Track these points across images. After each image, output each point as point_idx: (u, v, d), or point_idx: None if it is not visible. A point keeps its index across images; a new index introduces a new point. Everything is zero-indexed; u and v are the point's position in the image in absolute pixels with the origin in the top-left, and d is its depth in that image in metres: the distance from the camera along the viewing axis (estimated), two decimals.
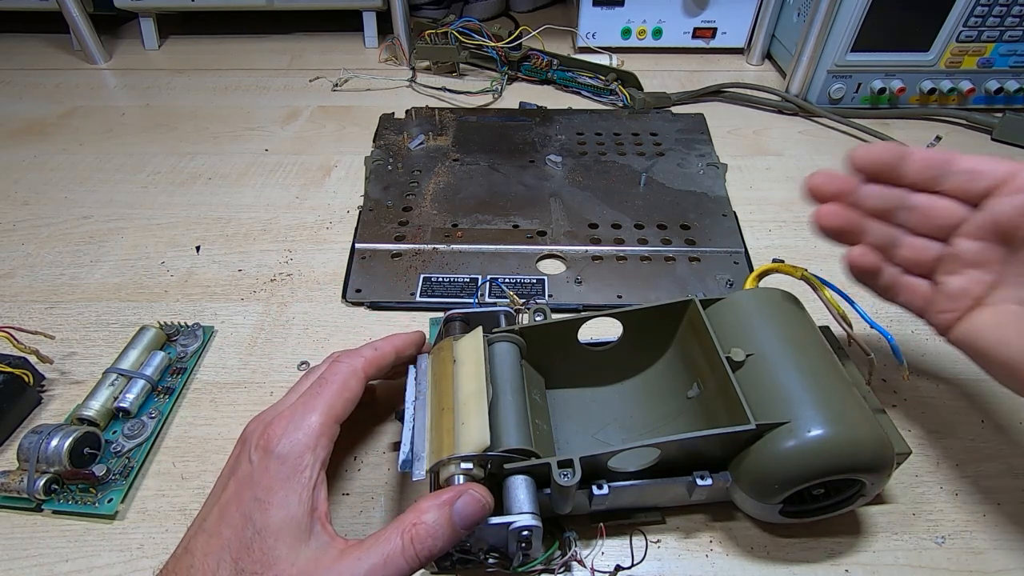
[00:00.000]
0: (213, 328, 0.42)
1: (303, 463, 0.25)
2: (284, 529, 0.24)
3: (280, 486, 0.25)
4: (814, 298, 0.32)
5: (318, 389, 0.28)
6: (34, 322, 0.42)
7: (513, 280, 0.45)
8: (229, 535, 0.24)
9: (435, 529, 0.24)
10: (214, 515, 0.25)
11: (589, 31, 0.74)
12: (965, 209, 0.28)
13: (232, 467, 0.27)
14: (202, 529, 0.25)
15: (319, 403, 0.27)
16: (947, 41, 0.60)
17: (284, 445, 0.26)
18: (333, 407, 0.28)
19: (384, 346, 0.31)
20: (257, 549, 0.24)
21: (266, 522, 0.24)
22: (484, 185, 0.54)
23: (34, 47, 0.78)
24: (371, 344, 0.31)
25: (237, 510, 0.25)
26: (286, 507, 0.24)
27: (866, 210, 0.30)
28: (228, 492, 0.25)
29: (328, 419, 0.27)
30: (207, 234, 0.50)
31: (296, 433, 0.26)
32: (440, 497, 0.25)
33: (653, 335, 0.35)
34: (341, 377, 0.29)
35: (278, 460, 0.25)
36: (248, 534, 0.24)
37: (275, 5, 0.74)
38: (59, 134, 0.62)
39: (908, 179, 0.29)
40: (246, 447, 0.27)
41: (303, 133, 0.63)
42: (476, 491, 0.25)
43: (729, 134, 0.63)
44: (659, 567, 0.31)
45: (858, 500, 0.30)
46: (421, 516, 0.24)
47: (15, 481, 0.32)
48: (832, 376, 0.29)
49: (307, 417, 0.27)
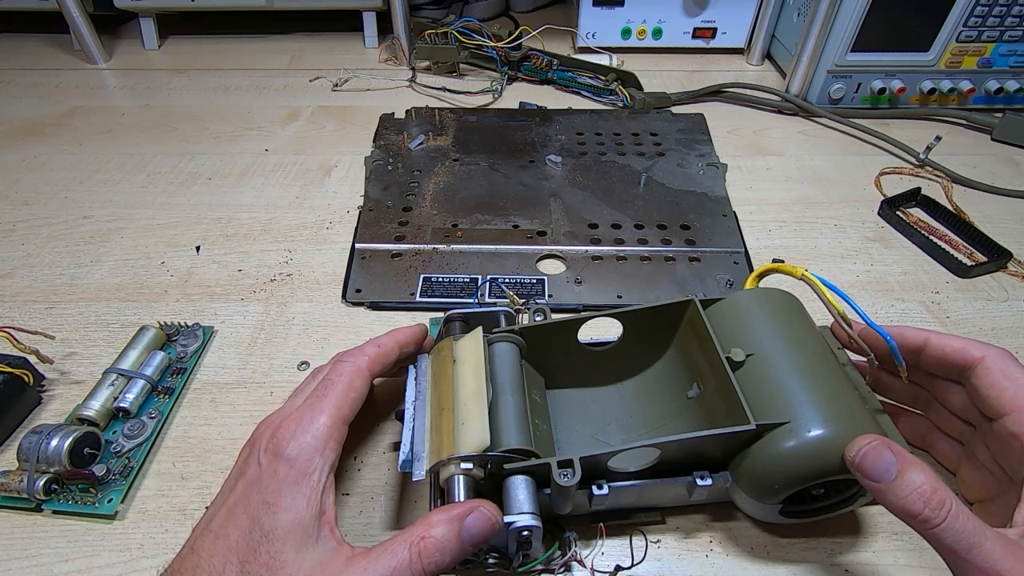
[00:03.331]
0: (213, 328, 0.42)
1: (312, 466, 0.25)
2: (291, 533, 0.24)
3: (288, 489, 0.25)
4: (814, 298, 0.32)
5: (324, 391, 0.28)
6: (34, 322, 0.42)
7: (513, 280, 0.45)
8: (236, 537, 0.24)
9: (443, 544, 0.24)
10: (221, 516, 0.25)
11: (589, 31, 0.74)
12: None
13: (240, 469, 0.27)
14: (208, 530, 0.25)
15: (326, 405, 0.27)
16: (947, 41, 0.60)
17: (293, 448, 0.26)
18: (340, 409, 0.28)
19: (387, 342, 0.31)
20: (264, 552, 0.23)
21: (273, 525, 0.24)
22: (484, 185, 0.54)
23: (34, 47, 0.78)
24: (374, 341, 0.31)
25: (244, 512, 0.25)
26: (294, 511, 0.24)
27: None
28: (236, 494, 0.25)
29: (336, 421, 0.27)
30: (207, 234, 0.50)
31: (305, 436, 0.26)
32: (450, 512, 0.25)
33: (653, 335, 0.35)
34: (347, 378, 0.29)
35: (287, 463, 0.25)
36: (255, 537, 0.24)
37: (275, 5, 0.74)
38: (59, 134, 0.62)
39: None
40: (255, 449, 0.27)
41: (303, 133, 0.63)
42: (486, 508, 0.25)
43: (729, 134, 0.63)
44: (659, 567, 0.31)
45: (858, 500, 0.30)
46: (430, 530, 0.24)
47: (15, 481, 0.31)
48: (832, 376, 0.29)
49: (315, 420, 0.27)
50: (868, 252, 0.49)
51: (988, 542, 0.22)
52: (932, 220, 0.51)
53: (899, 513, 0.24)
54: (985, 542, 0.22)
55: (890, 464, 0.24)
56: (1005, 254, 0.47)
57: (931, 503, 0.23)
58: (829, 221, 0.52)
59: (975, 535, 0.22)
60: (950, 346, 0.29)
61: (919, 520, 0.23)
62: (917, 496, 0.23)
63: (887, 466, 0.24)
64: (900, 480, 0.24)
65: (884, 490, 0.24)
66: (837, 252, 0.49)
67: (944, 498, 0.23)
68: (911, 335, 0.31)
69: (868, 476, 0.24)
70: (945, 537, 0.23)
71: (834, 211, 0.53)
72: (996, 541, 0.22)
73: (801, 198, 0.54)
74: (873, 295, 0.45)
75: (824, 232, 0.51)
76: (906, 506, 0.23)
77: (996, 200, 0.54)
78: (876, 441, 0.25)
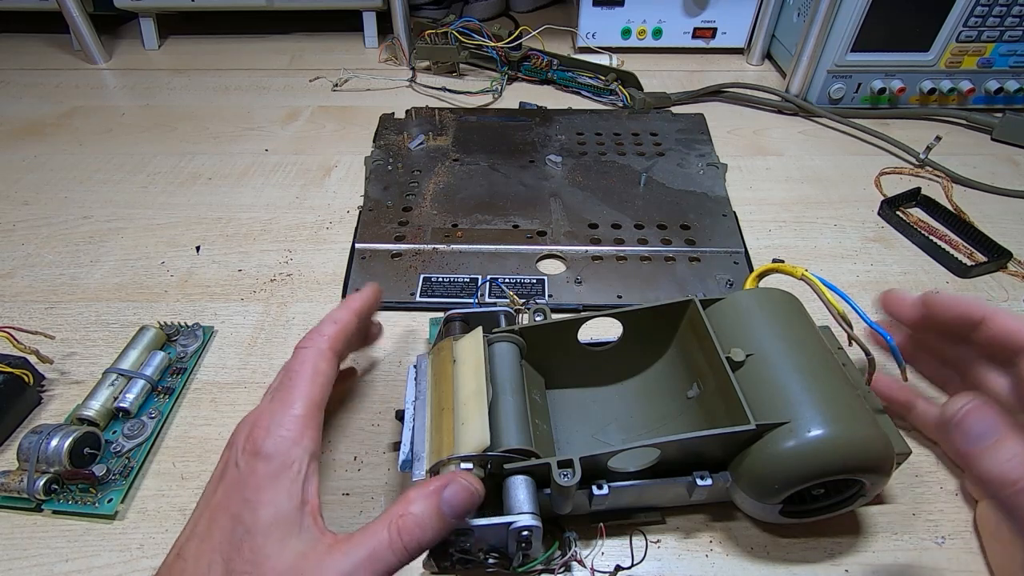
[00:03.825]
0: (213, 328, 0.42)
1: (291, 458, 0.25)
2: (273, 526, 0.24)
3: (269, 484, 0.25)
4: (814, 298, 0.32)
5: (291, 381, 0.28)
6: (34, 322, 0.42)
7: (513, 280, 0.45)
8: (219, 537, 0.24)
9: (423, 519, 0.24)
10: (204, 520, 0.25)
11: (589, 31, 0.74)
12: None
13: (221, 472, 0.27)
14: (193, 534, 0.25)
15: (296, 396, 0.27)
16: (947, 41, 0.60)
17: (269, 444, 0.25)
18: (311, 396, 0.27)
19: (343, 315, 0.31)
20: (247, 548, 0.23)
21: (255, 521, 0.24)
22: (484, 185, 0.54)
23: (34, 47, 0.78)
24: (329, 318, 0.31)
25: (226, 513, 0.24)
26: (275, 504, 0.24)
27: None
28: (217, 497, 0.25)
29: (308, 409, 0.27)
30: (207, 234, 0.50)
31: (279, 430, 0.26)
32: (428, 487, 0.25)
33: (653, 335, 0.35)
34: (310, 363, 0.28)
35: (265, 460, 0.25)
36: (238, 534, 0.24)
37: (275, 5, 0.74)
38: (59, 134, 0.62)
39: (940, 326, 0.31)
40: (233, 451, 0.26)
41: (303, 133, 0.63)
42: (465, 479, 0.25)
43: (729, 134, 0.63)
44: (659, 567, 0.31)
45: (858, 500, 0.30)
46: (408, 507, 0.24)
47: (15, 481, 0.32)
48: (832, 376, 0.29)
49: (287, 411, 0.26)
50: (868, 252, 0.49)
51: None
52: (932, 220, 0.51)
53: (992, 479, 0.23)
54: None
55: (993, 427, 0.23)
56: (1005, 254, 0.47)
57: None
58: (829, 221, 0.52)
59: None
60: (1012, 326, 0.28)
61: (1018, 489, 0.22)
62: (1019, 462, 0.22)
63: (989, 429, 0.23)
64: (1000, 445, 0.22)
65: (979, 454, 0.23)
66: (837, 252, 0.49)
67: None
68: (976, 308, 0.29)
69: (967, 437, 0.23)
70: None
71: (834, 211, 0.53)
72: None
73: (801, 198, 0.54)
74: (873, 295, 0.45)
75: (824, 232, 0.51)
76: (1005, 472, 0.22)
77: (996, 200, 0.54)
78: (978, 400, 0.24)
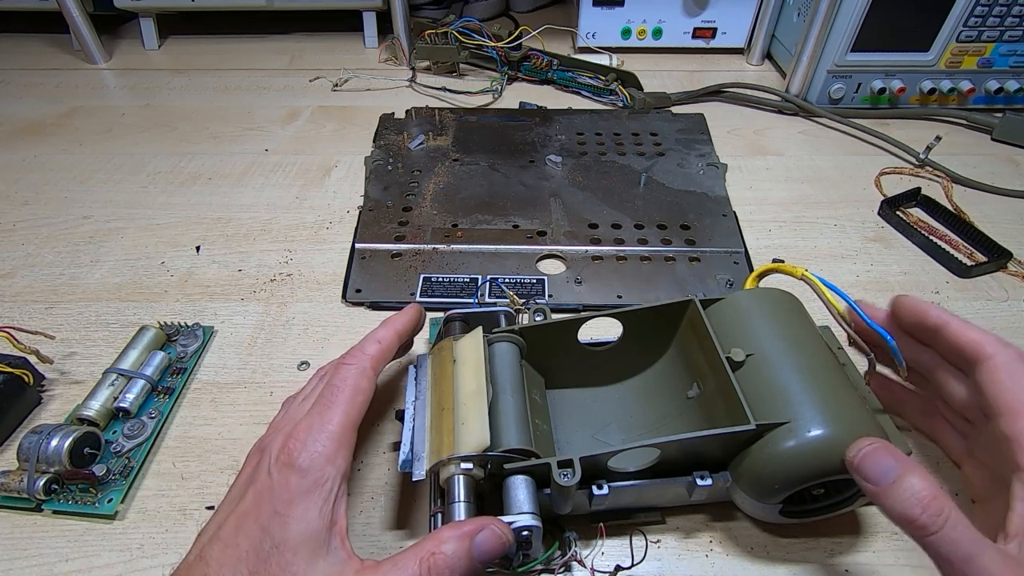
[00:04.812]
0: (213, 328, 0.42)
1: (324, 476, 0.25)
2: (303, 544, 0.24)
3: (300, 500, 0.25)
4: (814, 298, 0.32)
5: (332, 396, 0.28)
6: (34, 322, 0.42)
7: (513, 280, 0.45)
8: (246, 547, 0.24)
9: (453, 561, 0.24)
10: (231, 524, 0.25)
11: (589, 31, 0.74)
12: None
13: (250, 477, 0.27)
14: (217, 538, 0.25)
15: (335, 412, 0.27)
16: (947, 41, 0.60)
17: (304, 458, 0.25)
18: (349, 414, 0.27)
19: (387, 336, 0.31)
20: (275, 563, 0.23)
21: (285, 536, 0.24)
22: (484, 185, 0.54)
23: (34, 47, 0.78)
24: (373, 337, 0.31)
25: (255, 522, 0.24)
26: (306, 521, 0.24)
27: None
28: (246, 502, 0.25)
29: (346, 428, 0.27)
30: (207, 234, 0.50)
31: (316, 445, 0.26)
32: (461, 528, 0.25)
33: (653, 335, 0.35)
34: (352, 381, 0.29)
35: (299, 473, 0.25)
36: (266, 547, 0.24)
37: (275, 5, 0.74)
38: (59, 134, 0.62)
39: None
40: (265, 457, 0.26)
41: (303, 133, 0.63)
42: (497, 527, 0.25)
43: (729, 134, 0.63)
44: (659, 567, 0.31)
45: (858, 500, 0.30)
46: (440, 546, 0.24)
47: (15, 481, 0.32)
48: (832, 376, 0.29)
49: (325, 427, 0.27)
50: (868, 252, 0.49)
51: (985, 555, 0.22)
52: (932, 220, 0.51)
53: (896, 518, 0.23)
54: (982, 555, 0.22)
55: (890, 467, 0.24)
56: (1005, 254, 0.47)
57: (929, 509, 0.22)
58: (829, 221, 0.52)
59: (972, 546, 0.22)
60: (967, 335, 0.28)
61: (916, 526, 0.23)
62: (915, 501, 0.23)
63: (887, 469, 0.24)
64: (899, 484, 0.23)
65: (882, 494, 0.24)
66: (837, 252, 0.49)
67: (943, 506, 0.22)
68: (934, 315, 0.30)
69: (867, 478, 0.24)
70: (941, 546, 0.22)
71: (834, 211, 0.53)
72: (994, 555, 0.22)
73: (801, 198, 0.54)
74: (873, 295, 0.45)
75: (824, 232, 0.51)
76: (904, 511, 0.23)
77: (996, 200, 0.54)
78: (877, 444, 0.25)
